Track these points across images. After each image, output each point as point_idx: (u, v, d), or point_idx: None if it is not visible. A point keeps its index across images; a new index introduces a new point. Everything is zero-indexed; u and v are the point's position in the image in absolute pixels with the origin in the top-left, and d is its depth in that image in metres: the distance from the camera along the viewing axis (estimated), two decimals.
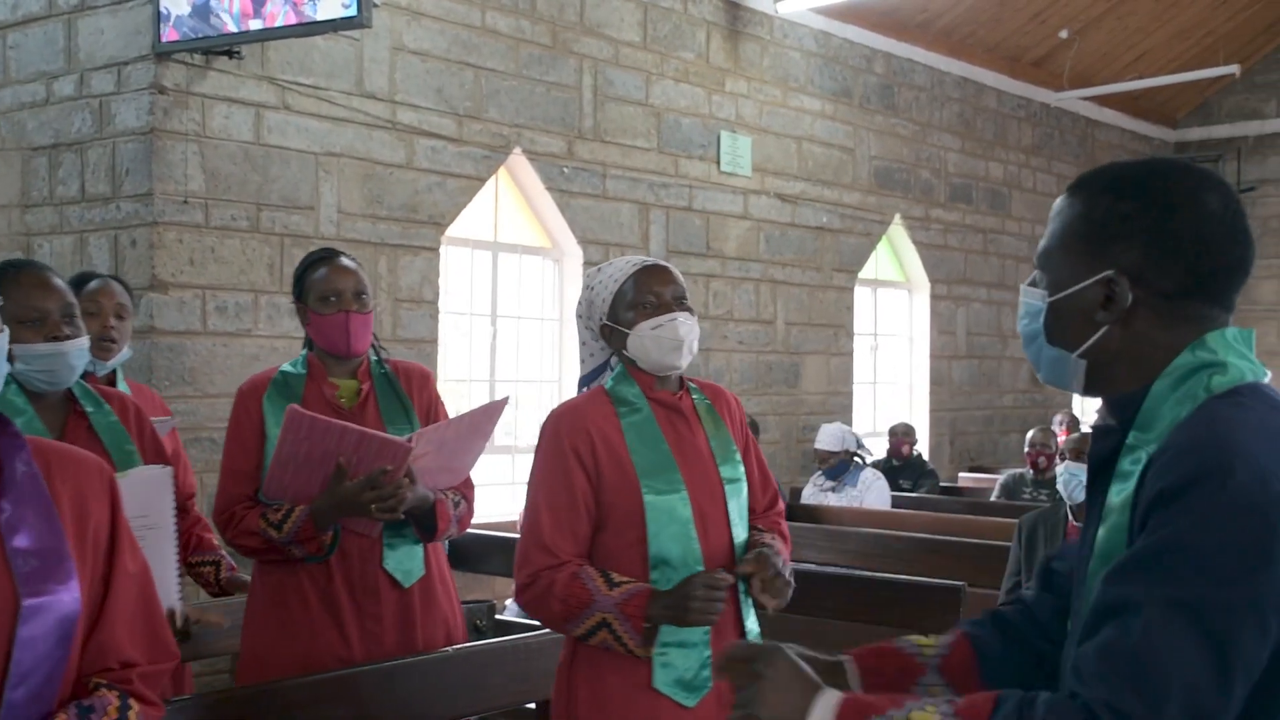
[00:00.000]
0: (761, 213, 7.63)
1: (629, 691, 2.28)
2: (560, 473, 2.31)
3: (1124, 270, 1.36)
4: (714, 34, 7.32)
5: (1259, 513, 1.19)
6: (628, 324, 2.36)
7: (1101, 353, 1.39)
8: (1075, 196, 1.42)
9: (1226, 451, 1.22)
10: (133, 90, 5.02)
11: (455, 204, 6.01)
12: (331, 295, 2.79)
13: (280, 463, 2.65)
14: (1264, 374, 1.36)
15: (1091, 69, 10.11)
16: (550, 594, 2.27)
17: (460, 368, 6.42)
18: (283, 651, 2.73)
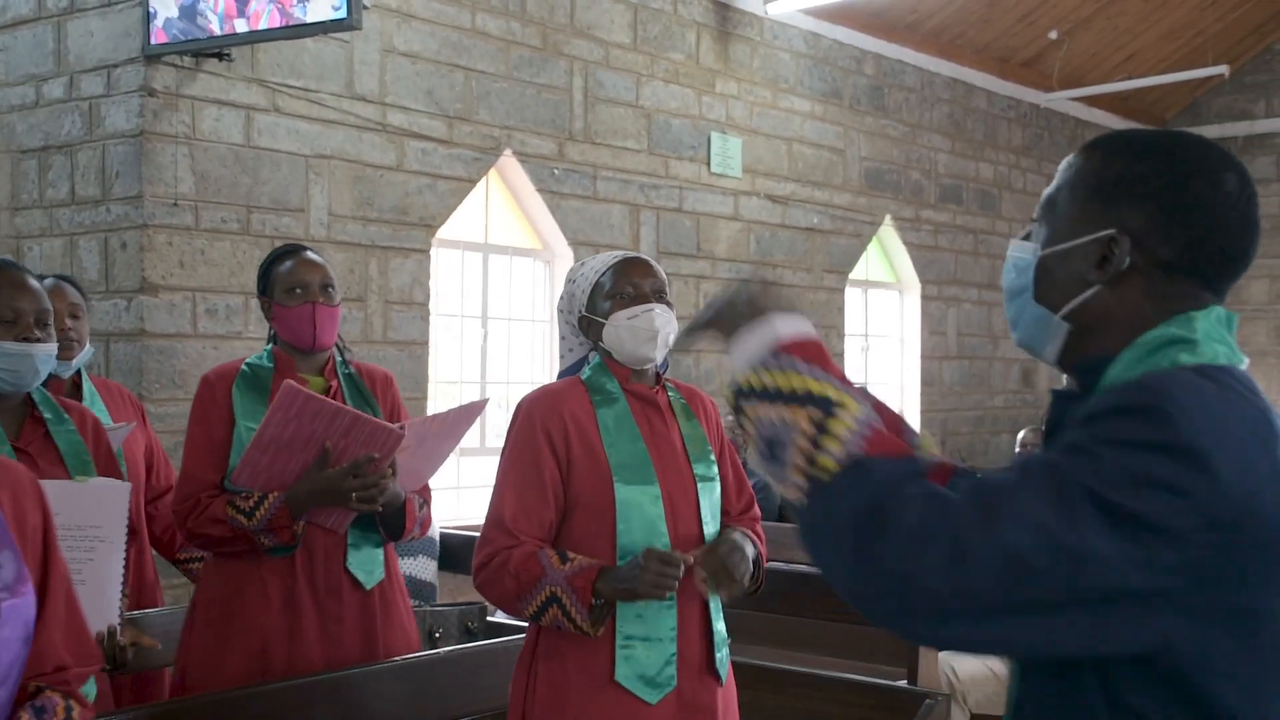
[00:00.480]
0: (752, 214, 7.64)
1: (590, 683, 2.24)
2: (530, 456, 2.28)
3: (1127, 231, 1.29)
4: (704, 35, 7.33)
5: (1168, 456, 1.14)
6: (604, 314, 2.35)
7: (1085, 317, 1.32)
8: (1091, 152, 1.35)
9: (1165, 399, 1.17)
10: (122, 93, 5.01)
11: (446, 206, 6.01)
12: (298, 287, 2.75)
13: (261, 445, 2.57)
14: (1240, 360, 1.30)
15: (1081, 70, 10.14)
16: (504, 570, 2.23)
17: (451, 369, 6.41)
18: (230, 657, 2.64)
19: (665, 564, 2.17)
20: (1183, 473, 1.14)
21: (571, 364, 2.48)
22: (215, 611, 2.70)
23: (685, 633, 2.30)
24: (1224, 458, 1.15)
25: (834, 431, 1.21)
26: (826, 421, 1.22)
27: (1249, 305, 11.28)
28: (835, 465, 1.20)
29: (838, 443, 1.21)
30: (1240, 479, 1.15)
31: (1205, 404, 1.18)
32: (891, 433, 1.28)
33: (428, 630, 3.52)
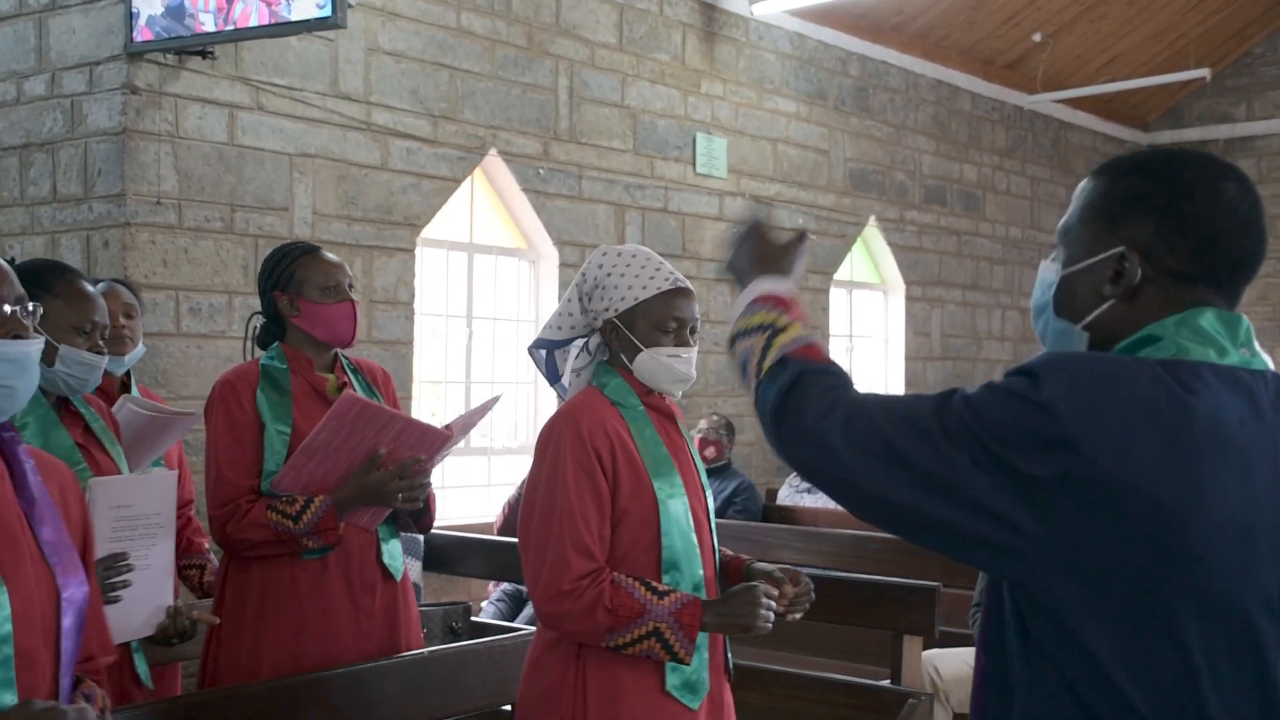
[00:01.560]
0: (737, 214, 7.64)
1: (642, 694, 2.28)
2: (587, 474, 2.28)
3: (1135, 247, 1.39)
4: (689, 36, 7.34)
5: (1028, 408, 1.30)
6: (644, 339, 2.36)
7: (1104, 328, 1.42)
8: (1100, 176, 1.47)
9: (1048, 365, 1.33)
10: (105, 90, 4.99)
11: (430, 205, 6.00)
12: (333, 285, 2.80)
13: (309, 451, 2.62)
14: (1241, 360, 1.35)
15: (1064, 72, 10.19)
16: (599, 605, 2.21)
17: (436, 369, 6.40)
18: (261, 653, 2.69)
19: (769, 597, 2.29)
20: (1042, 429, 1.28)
21: (562, 339, 2.46)
22: (247, 612, 2.73)
23: (713, 637, 2.36)
24: (1085, 425, 1.27)
25: (776, 343, 1.56)
26: (773, 338, 1.57)
27: None
28: (770, 363, 1.54)
29: (775, 350, 1.55)
30: (1108, 450, 1.25)
31: (1094, 384, 1.29)
32: None
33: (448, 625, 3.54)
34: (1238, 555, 1.28)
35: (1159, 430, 1.26)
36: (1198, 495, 1.26)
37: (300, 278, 2.81)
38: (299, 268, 2.82)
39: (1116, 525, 1.26)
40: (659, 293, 2.38)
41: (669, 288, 2.39)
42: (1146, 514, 1.26)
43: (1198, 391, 1.29)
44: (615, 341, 2.39)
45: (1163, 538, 1.26)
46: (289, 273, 2.82)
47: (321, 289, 2.79)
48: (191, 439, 4.96)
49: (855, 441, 1.38)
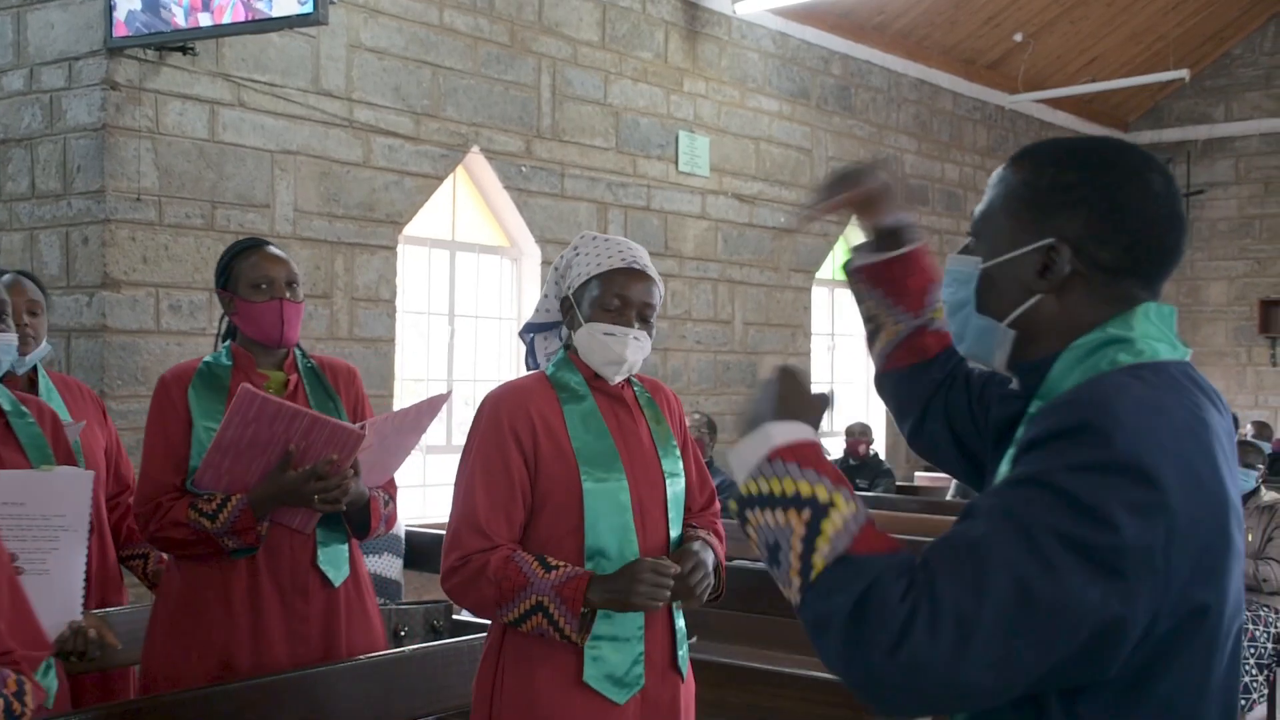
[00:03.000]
0: (719, 213, 7.66)
1: (558, 685, 2.22)
2: (498, 454, 2.24)
3: (1065, 239, 1.33)
4: (672, 34, 7.34)
5: (1112, 475, 1.18)
6: (585, 315, 2.30)
7: (1030, 324, 1.36)
8: (1019, 165, 1.39)
9: (1099, 413, 1.21)
10: (84, 86, 4.96)
11: (413, 203, 5.99)
12: (263, 282, 2.71)
13: (221, 448, 2.54)
14: (1183, 353, 1.35)
15: (1045, 72, 10.23)
16: (482, 576, 2.18)
17: (418, 367, 6.39)
18: (193, 657, 2.61)
19: (659, 574, 2.17)
20: (1137, 489, 1.18)
21: (543, 322, 2.43)
22: (179, 612, 2.66)
23: (650, 631, 2.28)
24: (1165, 463, 1.19)
25: (825, 531, 1.24)
26: (819, 522, 1.24)
27: (1208, 306, 11.42)
28: (824, 564, 1.22)
29: (827, 543, 1.23)
30: (1180, 478, 1.20)
31: (1139, 410, 1.22)
32: None
33: (393, 629, 3.51)
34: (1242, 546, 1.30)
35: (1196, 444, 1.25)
36: (1228, 492, 1.26)
37: (236, 275, 2.74)
38: (235, 264, 2.75)
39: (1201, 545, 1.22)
40: (606, 270, 2.31)
41: (618, 265, 2.32)
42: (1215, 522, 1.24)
43: (1188, 394, 1.29)
44: (567, 320, 2.35)
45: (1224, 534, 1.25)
46: (228, 270, 2.76)
47: (251, 286, 2.71)
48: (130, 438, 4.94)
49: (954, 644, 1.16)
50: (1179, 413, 1.25)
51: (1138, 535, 1.17)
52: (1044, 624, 1.15)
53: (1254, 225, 11.35)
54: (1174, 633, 1.21)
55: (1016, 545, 1.17)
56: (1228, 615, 1.27)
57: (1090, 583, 1.15)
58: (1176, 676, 1.23)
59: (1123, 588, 1.16)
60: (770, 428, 1.35)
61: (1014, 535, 1.18)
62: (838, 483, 1.28)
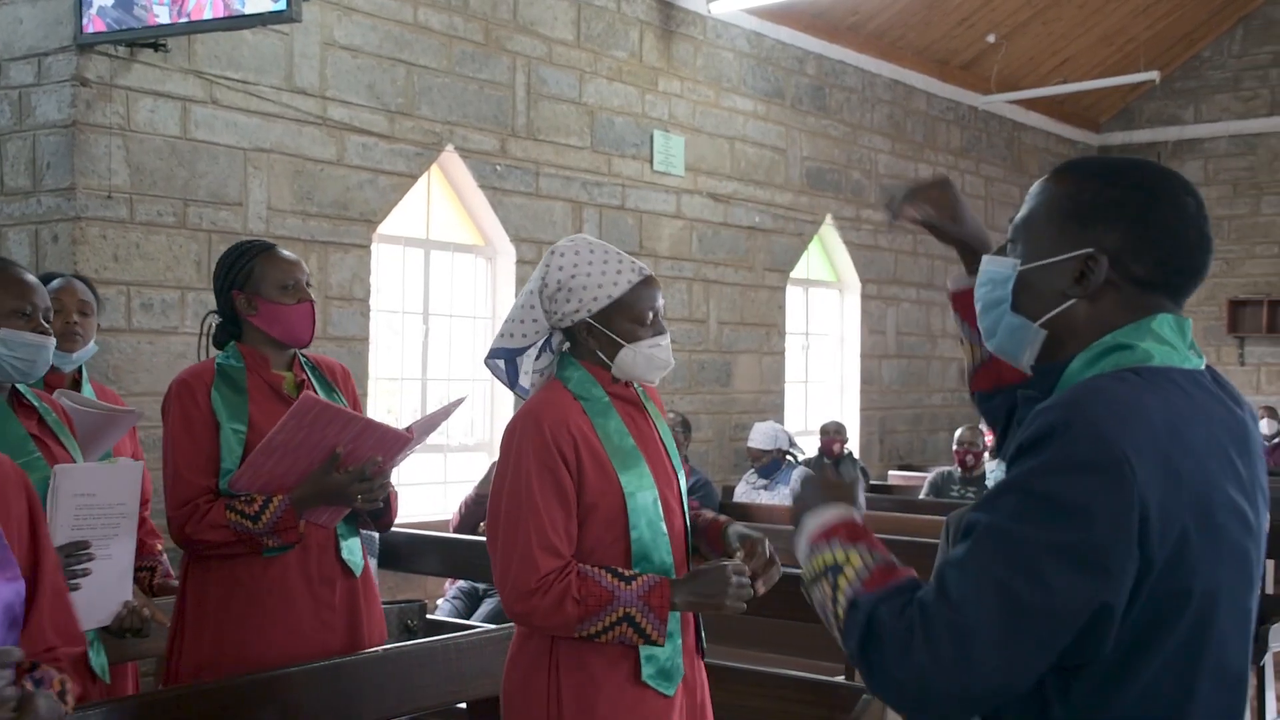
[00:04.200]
0: (694, 212, 7.67)
1: (617, 684, 2.28)
2: (550, 472, 2.27)
3: (1104, 250, 1.42)
4: (647, 33, 7.34)
5: (1085, 470, 1.28)
6: (624, 335, 2.35)
7: (1061, 326, 1.45)
8: (1063, 178, 1.49)
9: (1074, 412, 1.32)
10: (54, 82, 4.91)
11: (387, 201, 5.96)
12: (290, 283, 2.77)
13: (268, 450, 2.61)
14: (1189, 361, 1.43)
15: (1018, 73, 10.30)
16: (567, 597, 2.22)
17: (392, 366, 6.37)
18: (224, 651, 2.68)
19: (742, 575, 2.26)
20: (1109, 485, 1.28)
21: (523, 345, 2.42)
22: (208, 609, 2.71)
23: (684, 621, 2.37)
24: (1137, 458, 1.29)
25: (840, 586, 1.43)
26: (836, 580, 1.43)
27: None
28: (842, 613, 1.41)
29: (843, 594, 1.42)
30: (1153, 472, 1.29)
31: (1113, 409, 1.32)
32: None
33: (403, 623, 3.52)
34: (1242, 541, 1.37)
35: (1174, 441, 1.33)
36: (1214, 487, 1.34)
37: (258, 276, 2.77)
38: (256, 265, 2.78)
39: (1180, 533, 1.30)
40: (630, 286, 2.36)
41: (638, 280, 2.38)
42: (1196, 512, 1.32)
43: (1178, 396, 1.37)
44: (592, 340, 2.37)
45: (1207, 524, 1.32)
46: (246, 271, 2.79)
47: (280, 288, 2.76)
48: (145, 438, 4.90)
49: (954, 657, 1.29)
50: (1157, 412, 1.33)
51: (1113, 527, 1.27)
52: (1038, 626, 1.28)
53: (1223, 226, 11.46)
54: (1156, 616, 1.31)
55: (999, 555, 1.30)
56: (1223, 600, 1.34)
57: (1075, 580, 1.27)
58: (1162, 657, 1.32)
59: (1105, 578, 1.27)
60: (805, 520, 1.53)
61: (997, 545, 1.31)
62: (854, 540, 1.46)
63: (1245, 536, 1.37)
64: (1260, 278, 11.31)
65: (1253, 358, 11.40)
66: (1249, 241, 11.37)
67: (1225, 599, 1.35)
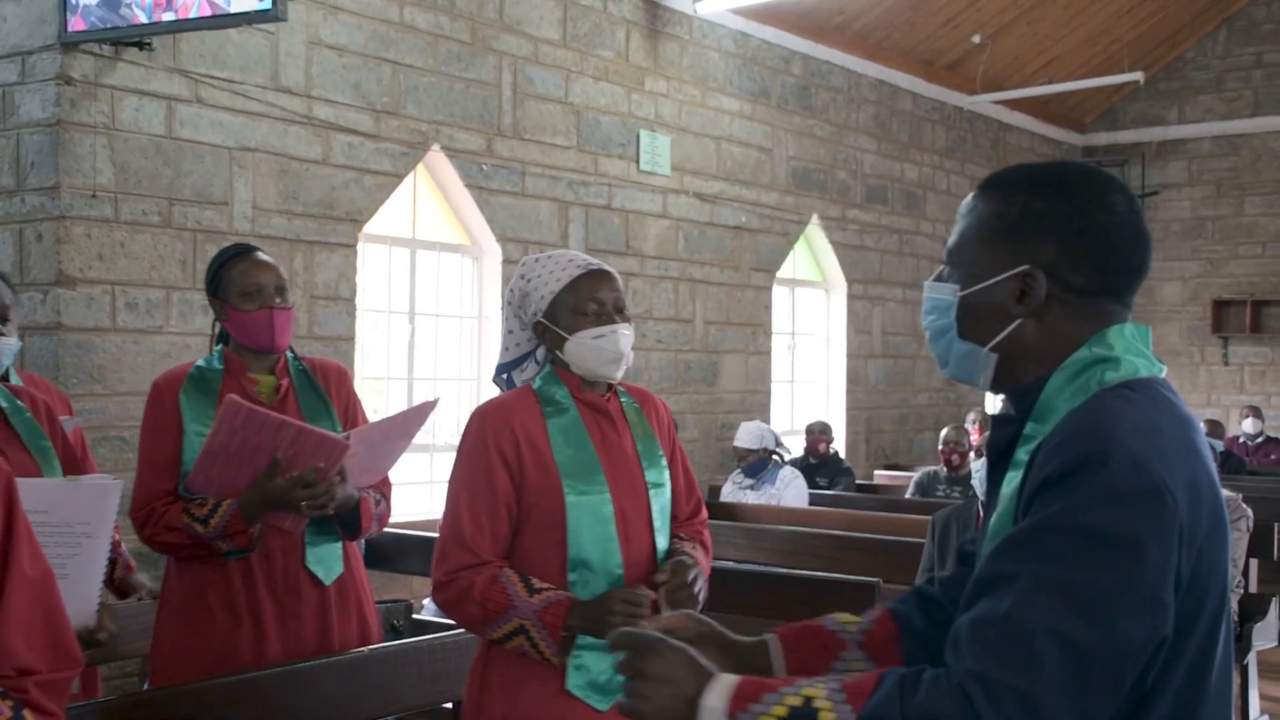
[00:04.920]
0: (680, 212, 7.67)
1: (544, 694, 2.26)
2: (484, 471, 2.28)
3: (1040, 265, 1.39)
4: (633, 33, 7.34)
5: (1130, 501, 1.23)
6: (567, 328, 2.33)
7: (1012, 347, 1.42)
8: (988, 194, 1.46)
9: (1106, 441, 1.26)
10: (38, 81, 4.89)
11: (373, 201, 5.95)
12: (253, 290, 2.76)
13: (210, 455, 2.59)
14: (1159, 369, 1.41)
15: (1003, 74, 10.33)
16: (469, 596, 2.24)
17: (378, 366, 6.36)
18: (197, 653, 2.68)
19: (631, 604, 2.21)
20: (1155, 511, 1.24)
21: (514, 358, 2.46)
22: (180, 613, 2.73)
23: None
24: (1172, 479, 1.26)
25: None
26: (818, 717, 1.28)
27: (1162, 307, 11.57)
28: None
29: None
30: (1184, 494, 1.27)
31: (1139, 431, 1.28)
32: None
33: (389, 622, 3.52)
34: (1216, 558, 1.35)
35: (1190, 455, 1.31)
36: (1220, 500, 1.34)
37: (226, 282, 2.78)
38: (224, 272, 2.79)
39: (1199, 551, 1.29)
40: (571, 279, 2.35)
41: (579, 273, 2.36)
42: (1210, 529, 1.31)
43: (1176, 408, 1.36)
44: (548, 341, 2.38)
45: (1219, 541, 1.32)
46: (218, 277, 2.81)
47: (241, 294, 2.76)
48: (129, 436, 4.88)
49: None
50: (1172, 428, 1.32)
51: (1163, 557, 1.23)
52: (1107, 670, 1.22)
53: (1206, 226, 11.52)
54: (1176, 636, 1.28)
55: (1054, 604, 1.22)
56: (1222, 613, 1.34)
57: (1138, 618, 1.22)
58: (1182, 678, 1.29)
59: (1163, 611, 1.24)
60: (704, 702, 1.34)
61: (1049, 595, 1.22)
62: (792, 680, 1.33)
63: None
64: (1244, 278, 11.37)
65: (1236, 357, 11.46)
66: (1232, 242, 11.43)
67: (1224, 610, 1.34)
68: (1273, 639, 5.49)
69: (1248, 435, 9.84)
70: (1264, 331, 11.18)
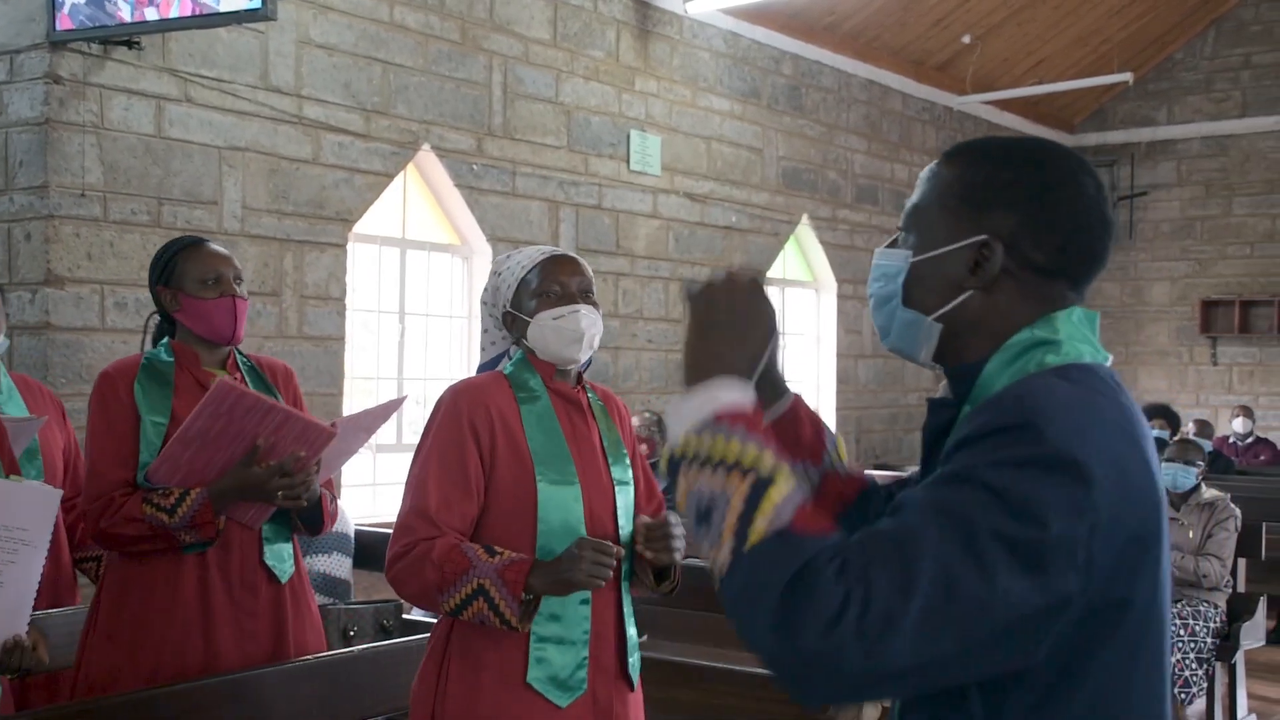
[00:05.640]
0: (671, 212, 7.68)
1: (501, 684, 2.20)
2: (455, 447, 2.22)
3: (999, 237, 1.33)
4: (624, 33, 7.35)
5: (1041, 468, 1.18)
6: (529, 312, 2.31)
7: (958, 320, 1.36)
8: (954, 160, 1.39)
9: (1029, 412, 1.21)
10: (26, 79, 4.88)
11: (363, 200, 5.95)
12: (212, 278, 2.69)
13: (185, 440, 2.51)
14: (1104, 357, 1.36)
15: (993, 74, 10.35)
16: (426, 560, 2.16)
17: (368, 366, 6.35)
18: (141, 656, 2.58)
19: (601, 552, 2.14)
20: (1067, 485, 1.18)
21: (492, 357, 2.44)
22: (123, 612, 2.62)
23: (599, 636, 2.28)
24: (1096, 461, 1.20)
25: (769, 499, 1.20)
26: (763, 490, 1.21)
27: (1151, 307, 11.61)
28: (760, 536, 1.19)
29: (766, 515, 1.20)
30: (1111, 477, 1.21)
31: (1070, 409, 1.23)
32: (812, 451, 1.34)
33: (342, 628, 3.49)
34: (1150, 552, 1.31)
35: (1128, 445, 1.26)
36: (1157, 490, 1.28)
37: (180, 271, 2.70)
38: (179, 260, 2.72)
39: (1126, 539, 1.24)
40: (534, 266, 2.34)
41: (542, 259, 2.35)
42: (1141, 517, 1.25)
43: (1119, 396, 1.31)
44: (516, 330, 2.35)
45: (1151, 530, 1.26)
46: (170, 266, 2.72)
47: (199, 282, 2.68)
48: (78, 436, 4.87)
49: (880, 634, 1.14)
50: (1109, 411, 1.26)
51: (1063, 531, 1.17)
52: (965, 617, 1.15)
53: (1195, 227, 11.55)
54: (1095, 627, 1.22)
55: (948, 541, 1.16)
56: (1156, 609, 1.28)
57: (1015, 578, 1.16)
58: (1101, 671, 1.24)
59: (1043, 581, 1.17)
60: (717, 387, 1.29)
61: (946, 530, 1.17)
62: (781, 456, 1.25)
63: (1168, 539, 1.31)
64: (1232, 278, 11.40)
65: (1225, 358, 11.50)
66: (1221, 242, 11.47)
67: (1163, 608, 1.29)
68: (1260, 638, 5.52)
69: (1237, 435, 9.87)
70: (1252, 332, 11.22)
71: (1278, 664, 6.77)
